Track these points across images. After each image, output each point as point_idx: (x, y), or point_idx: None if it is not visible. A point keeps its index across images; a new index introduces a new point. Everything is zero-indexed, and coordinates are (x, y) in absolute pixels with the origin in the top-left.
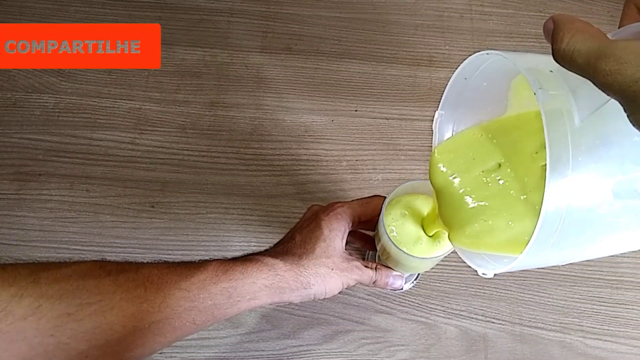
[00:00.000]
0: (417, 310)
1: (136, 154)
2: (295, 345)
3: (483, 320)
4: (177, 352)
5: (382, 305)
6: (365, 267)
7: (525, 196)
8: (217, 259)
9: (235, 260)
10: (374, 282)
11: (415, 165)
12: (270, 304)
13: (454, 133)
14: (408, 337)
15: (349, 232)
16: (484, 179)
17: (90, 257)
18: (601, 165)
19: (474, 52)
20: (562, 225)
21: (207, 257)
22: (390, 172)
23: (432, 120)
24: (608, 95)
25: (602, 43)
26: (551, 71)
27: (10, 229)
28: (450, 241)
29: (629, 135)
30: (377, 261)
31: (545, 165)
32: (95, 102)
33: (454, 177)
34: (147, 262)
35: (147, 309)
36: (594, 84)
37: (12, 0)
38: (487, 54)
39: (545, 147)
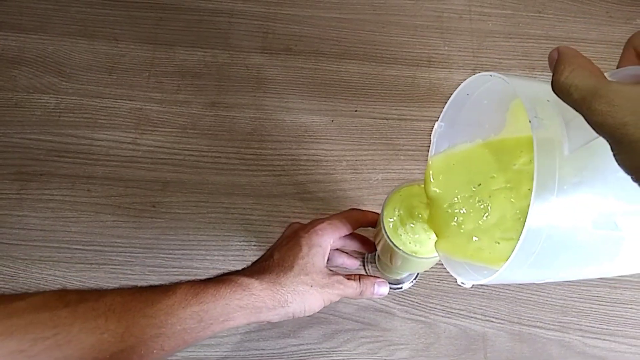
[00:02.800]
0: (417, 309)
1: (137, 154)
2: (295, 344)
3: (482, 320)
4: (177, 352)
5: (382, 304)
6: (349, 280)
7: (512, 217)
8: (188, 281)
9: (208, 281)
10: (360, 294)
11: (414, 165)
12: (248, 324)
13: (450, 145)
14: (407, 336)
15: (350, 235)
16: (476, 197)
17: (91, 257)
18: (584, 195)
19: (479, 72)
20: (541, 248)
21: (207, 257)
22: (390, 172)
23: (431, 121)
24: (597, 133)
25: (598, 82)
26: (548, 100)
27: (12, 229)
28: (435, 247)
29: (613, 171)
30: (377, 261)
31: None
32: (96, 102)
33: (446, 192)
34: (112, 289)
35: (108, 339)
36: (586, 120)
37: (12, 0)
38: (490, 75)
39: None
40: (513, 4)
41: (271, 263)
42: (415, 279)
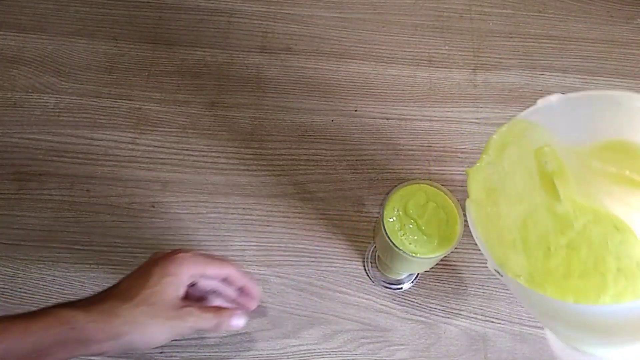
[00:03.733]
0: (417, 309)
1: (136, 154)
2: (295, 344)
3: (482, 320)
4: (177, 352)
5: (382, 304)
6: (203, 312)
7: None
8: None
9: (19, 317)
10: (216, 326)
11: (414, 165)
12: (79, 357)
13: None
14: (408, 336)
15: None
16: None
17: (90, 257)
18: None
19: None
20: None
21: None
22: (390, 172)
23: (431, 120)
24: None
25: None
26: None
27: (11, 229)
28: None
29: None
30: (377, 261)
31: None
32: (95, 102)
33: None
34: None
35: None
36: None
37: (12, 0)
38: None
39: None
40: (513, 3)
41: (112, 292)
42: (415, 279)
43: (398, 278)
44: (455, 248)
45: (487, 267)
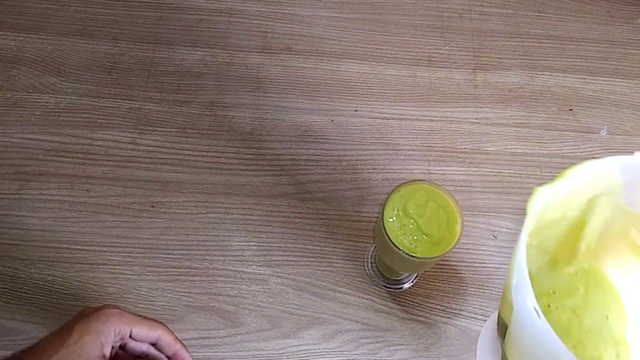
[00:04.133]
0: (417, 309)
1: (136, 154)
2: (295, 344)
3: (483, 320)
4: None
5: (382, 304)
6: None
7: None
8: None
9: None
10: None
11: (414, 165)
12: None
13: None
14: (407, 336)
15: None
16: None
17: (90, 257)
18: None
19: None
20: None
21: (207, 257)
22: (390, 172)
23: (431, 120)
24: None
25: None
26: None
27: (11, 229)
28: None
29: None
30: (377, 261)
31: None
32: (95, 102)
33: None
34: None
35: None
36: None
37: (12, 0)
38: None
39: None
40: (513, 3)
41: (31, 351)
42: (415, 279)
43: (398, 278)
44: (455, 248)
45: (487, 267)
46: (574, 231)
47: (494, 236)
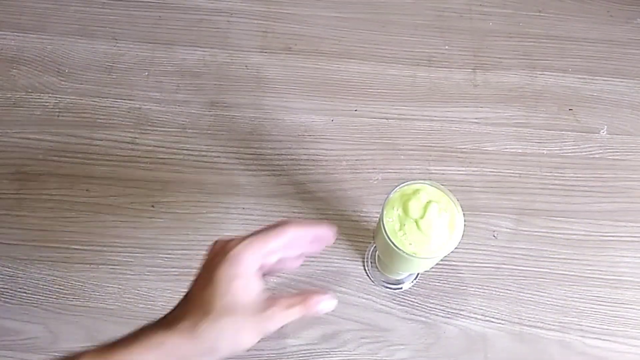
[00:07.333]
0: (417, 309)
1: (136, 154)
2: (295, 344)
3: (482, 320)
4: None
5: (382, 304)
6: (288, 307)
7: None
8: (92, 349)
9: (115, 345)
10: (304, 316)
11: (414, 165)
12: None
13: None
14: (407, 336)
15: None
16: None
17: (90, 257)
18: None
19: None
20: None
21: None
22: (390, 172)
23: (431, 120)
24: None
25: None
26: None
27: (11, 229)
28: None
29: None
30: (377, 261)
31: None
32: (95, 101)
33: None
34: None
35: None
36: None
37: (12, 0)
38: None
39: None
40: (513, 3)
41: (190, 307)
42: (415, 279)
43: (398, 278)
44: (455, 248)
45: (487, 267)
46: None
47: (494, 236)
